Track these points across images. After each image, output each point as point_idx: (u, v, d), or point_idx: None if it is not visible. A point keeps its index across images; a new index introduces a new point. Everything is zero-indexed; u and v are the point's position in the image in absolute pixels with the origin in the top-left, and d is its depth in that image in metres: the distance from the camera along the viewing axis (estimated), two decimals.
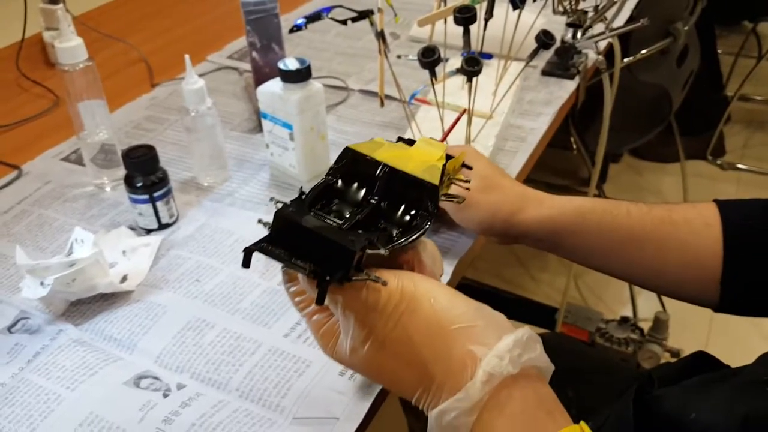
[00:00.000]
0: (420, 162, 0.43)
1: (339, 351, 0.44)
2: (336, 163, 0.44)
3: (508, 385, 0.38)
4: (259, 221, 0.42)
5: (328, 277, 0.38)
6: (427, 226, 0.42)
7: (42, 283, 0.65)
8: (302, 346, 0.63)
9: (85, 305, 0.68)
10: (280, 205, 0.42)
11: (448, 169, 0.46)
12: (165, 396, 0.59)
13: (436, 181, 0.42)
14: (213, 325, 0.65)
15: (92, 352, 0.63)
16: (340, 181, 0.45)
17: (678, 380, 0.56)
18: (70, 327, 0.66)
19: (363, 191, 0.44)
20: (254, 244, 0.41)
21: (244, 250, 0.40)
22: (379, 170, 0.43)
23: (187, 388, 0.59)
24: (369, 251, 0.39)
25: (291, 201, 0.42)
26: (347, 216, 0.43)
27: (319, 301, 0.38)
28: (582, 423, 0.38)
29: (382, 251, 0.39)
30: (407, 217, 0.43)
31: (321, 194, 0.44)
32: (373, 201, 0.43)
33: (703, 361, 0.62)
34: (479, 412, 0.37)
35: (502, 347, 0.38)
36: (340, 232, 0.40)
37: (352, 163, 0.44)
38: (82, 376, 0.60)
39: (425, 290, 0.41)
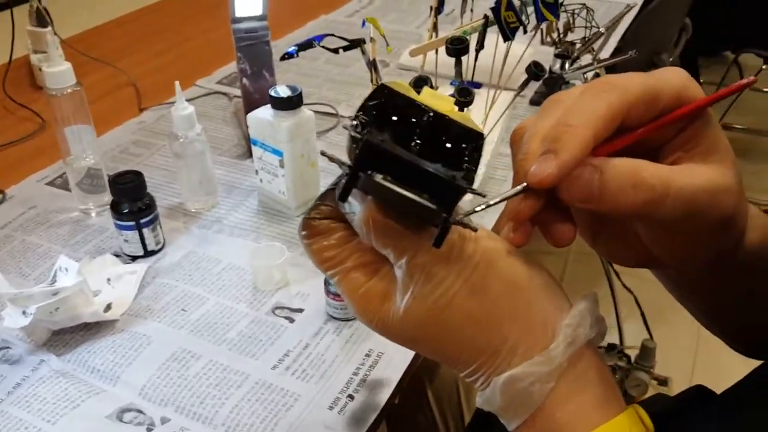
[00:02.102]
0: (446, 111, 0.38)
1: (383, 314, 0.37)
2: (368, 100, 0.37)
3: (584, 352, 0.35)
4: (323, 153, 0.36)
5: (450, 216, 0.33)
6: (474, 176, 0.37)
7: (24, 312, 0.63)
8: (290, 378, 0.62)
9: (68, 334, 0.67)
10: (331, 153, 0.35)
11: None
12: (149, 430, 0.57)
13: (480, 130, 0.38)
14: (199, 356, 0.64)
15: (74, 383, 0.62)
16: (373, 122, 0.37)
17: (678, 414, 0.55)
18: (52, 357, 0.65)
19: (400, 136, 0.37)
20: (353, 175, 0.34)
21: (336, 185, 0.35)
22: (422, 115, 0.36)
23: (171, 422, 0.58)
24: (470, 192, 0.34)
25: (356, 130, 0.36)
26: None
27: (439, 243, 0.33)
28: (635, 405, 0.36)
29: (483, 195, 0.35)
30: (449, 168, 0.37)
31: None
32: (415, 147, 0.36)
33: (701, 396, 0.61)
34: (556, 380, 0.34)
35: (583, 307, 0.35)
36: (439, 167, 0.34)
37: (387, 104, 0.37)
38: (64, 409, 0.59)
39: (498, 240, 0.36)
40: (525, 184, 0.34)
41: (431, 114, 0.36)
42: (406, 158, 0.34)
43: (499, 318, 0.35)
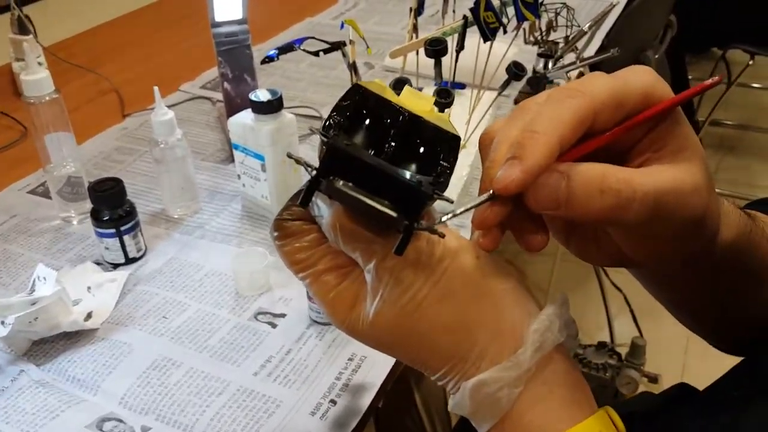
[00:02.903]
0: (423, 112, 0.37)
1: (353, 318, 0.37)
2: (342, 100, 0.37)
3: (553, 356, 0.35)
4: (290, 155, 0.36)
5: (415, 223, 0.33)
6: (448, 180, 0.36)
7: (3, 323, 0.63)
8: (272, 384, 0.61)
9: (49, 344, 0.66)
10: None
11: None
12: None
13: (456, 132, 0.37)
14: (179, 364, 0.64)
15: (54, 393, 0.61)
16: (347, 123, 0.37)
17: (660, 413, 0.55)
18: (32, 367, 0.64)
19: (374, 137, 0.36)
20: (314, 180, 0.34)
21: (304, 187, 0.34)
22: (397, 116, 0.36)
23: (152, 430, 0.57)
24: (437, 197, 0.34)
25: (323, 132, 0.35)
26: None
27: (401, 250, 0.33)
28: (607, 408, 0.36)
29: (450, 201, 0.34)
30: (423, 171, 0.36)
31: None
32: (389, 149, 0.36)
33: (684, 393, 0.61)
34: (525, 385, 0.34)
35: (551, 312, 0.35)
36: (406, 172, 0.34)
37: (361, 105, 0.36)
38: (43, 420, 0.58)
39: (468, 245, 0.36)
40: (491, 191, 0.34)
41: (406, 115, 0.36)
42: (371, 163, 0.33)
43: (468, 323, 0.35)
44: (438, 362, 0.36)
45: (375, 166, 0.33)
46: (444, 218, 0.36)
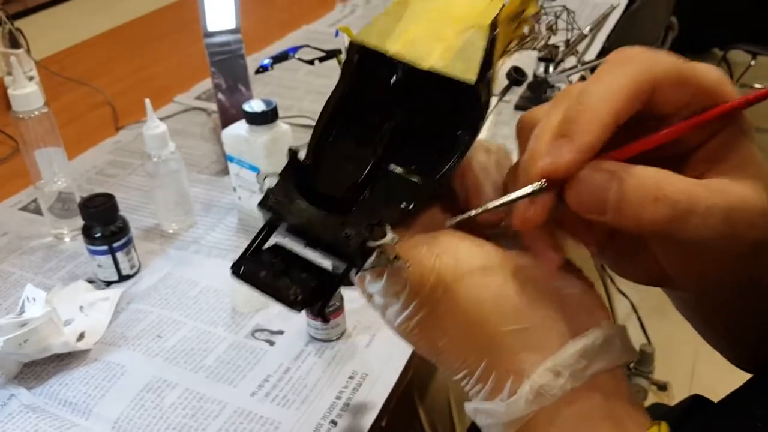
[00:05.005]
0: (461, 30, 0.30)
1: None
2: (344, 69, 0.32)
3: (566, 401, 0.30)
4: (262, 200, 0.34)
5: (353, 269, 0.31)
6: (468, 140, 0.31)
7: None
8: (270, 405, 0.59)
9: (40, 366, 0.64)
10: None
11: (504, 18, 0.32)
12: None
13: (473, 73, 0.30)
14: (174, 385, 0.61)
15: (45, 419, 0.59)
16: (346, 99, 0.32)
17: (675, 428, 0.53)
18: (22, 391, 0.62)
19: (379, 106, 0.32)
20: (237, 263, 0.33)
21: (232, 267, 0.33)
22: (394, 71, 0.30)
23: None
24: (373, 243, 0.30)
25: (280, 173, 0.33)
26: (360, 159, 0.32)
27: (321, 313, 0.33)
28: (663, 423, 0.31)
29: (387, 238, 0.30)
30: (441, 133, 0.32)
31: (328, 126, 0.33)
32: (390, 124, 0.31)
33: (699, 406, 0.59)
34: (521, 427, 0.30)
35: (563, 359, 0.30)
36: (332, 229, 0.30)
37: (364, 66, 0.31)
38: None
39: (469, 270, 0.31)
40: (535, 184, 0.29)
41: (404, 68, 0.30)
42: (282, 246, 0.33)
43: (462, 354, 0.32)
44: (450, 372, 0.33)
45: (305, 224, 0.32)
46: (473, 212, 0.31)
